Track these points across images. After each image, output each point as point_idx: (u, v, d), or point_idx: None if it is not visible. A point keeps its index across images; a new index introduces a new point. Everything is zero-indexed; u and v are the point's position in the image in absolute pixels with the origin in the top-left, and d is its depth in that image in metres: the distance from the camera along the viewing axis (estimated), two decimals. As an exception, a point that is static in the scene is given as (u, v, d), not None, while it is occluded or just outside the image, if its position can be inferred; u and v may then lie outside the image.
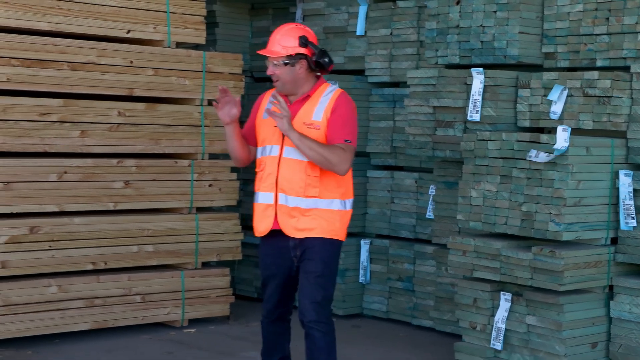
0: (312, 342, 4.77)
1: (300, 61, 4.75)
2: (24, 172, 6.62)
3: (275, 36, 4.82)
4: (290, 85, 4.79)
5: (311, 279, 4.75)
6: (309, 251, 4.76)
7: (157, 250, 7.25)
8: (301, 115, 4.77)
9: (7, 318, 6.51)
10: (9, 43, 6.48)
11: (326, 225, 4.76)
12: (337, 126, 4.73)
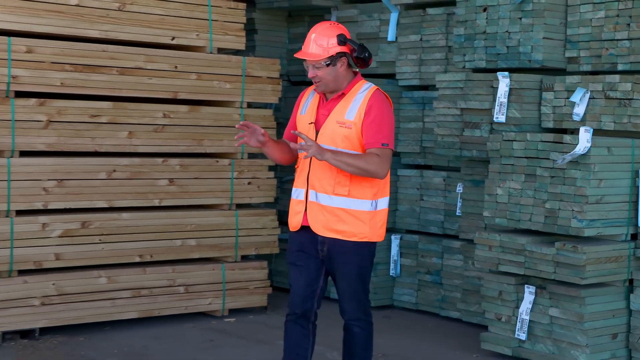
0: (351, 336, 4.71)
1: (340, 59, 4.54)
2: (76, 170, 6.67)
3: (312, 37, 4.60)
4: (332, 85, 4.59)
5: (350, 283, 4.64)
6: (342, 255, 4.61)
7: (200, 244, 7.27)
8: (335, 113, 4.59)
9: (61, 307, 6.58)
10: (63, 50, 6.55)
11: (358, 229, 4.57)
12: (373, 130, 4.52)
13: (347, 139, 4.51)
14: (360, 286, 4.67)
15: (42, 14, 6.47)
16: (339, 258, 4.59)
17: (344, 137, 4.51)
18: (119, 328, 6.86)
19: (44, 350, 6.28)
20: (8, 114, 6.36)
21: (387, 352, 6.44)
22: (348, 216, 4.54)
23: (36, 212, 6.58)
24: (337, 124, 4.54)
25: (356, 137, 4.53)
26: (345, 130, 4.52)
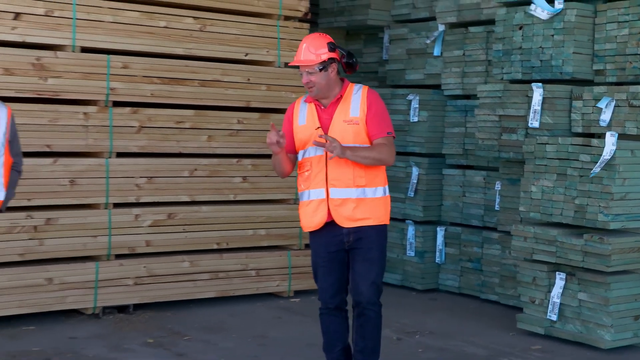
0: (366, 320, 4.57)
1: (331, 65, 4.44)
2: (163, 169, 6.78)
3: (303, 46, 4.48)
4: (324, 90, 4.46)
5: (370, 266, 4.52)
6: (364, 240, 4.51)
7: (268, 234, 7.33)
8: (339, 114, 4.48)
9: (151, 286, 6.72)
10: (153, 65, 6.68)
11: (377, 214, 4.51)
12: (377, 122, 4.47)
13: (356, 133, 4.45)
14: (379, 271, 4.56)
15: (136, 35, 6.59)
16: (362, 244, 4.50)
17: (353, 132, 4.44)
18: (199, 305, 6.94)
19: (137, 323, 6.39)
20: (107, 120, 6.46)
21: (433, 330, 6.44)
22: (367, 204, 4.47)
23: (130, 205, 6.68)
24: (345, 123, 4.46)
25: (363, 130, 4.46)
26: (353, 127, 4.45)
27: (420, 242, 7.89)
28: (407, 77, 8.34)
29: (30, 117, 6.18)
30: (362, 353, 4.59)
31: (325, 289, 4.64)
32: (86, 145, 6.44)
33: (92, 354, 5.58)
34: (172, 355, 5.64)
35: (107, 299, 6.55)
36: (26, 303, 6.20)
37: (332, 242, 4.54)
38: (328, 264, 4.59)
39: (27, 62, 6.15)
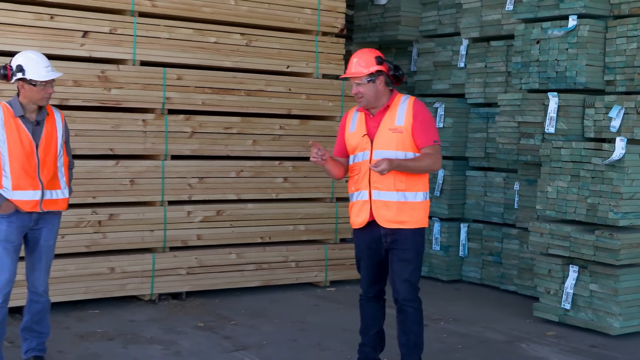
0: (405, 316, 4.52)
1: (379, 77, 4.40)
2: (213, 170, 6.81)
3: (354, 60, 4.45)
4: (372, 100, 4.42)
5: (405, 265, 4.46)
6: (402, 241, 4.44)
7: (307, 229, 7.34)
8: (385, 122, 4.42)
9: (202, 276, 6.77)
10: (204, 77, 6.72)
11: (415, 217, 4.43)
12: (423, 131, 4.39)
13: (400, 141, 4.38)
14: (414, 269, 4.49)
15: (189, 49, 6.64)
16: (400, 245, 4.45)
17: (397, 140, 4.38)
18: (244, 293, 6.98)
19: (189, 308, 6.46)
20: (162, 127, 6.52)
21: (457, 317, 6.46)
22: (407, 208, 4.41)
23: (183, 203, 6.73)
24: (390, 131, 4.39)
25: (407, 138, 4.39)
26: (397, 135, 4.39)
27: (445, 237, 7.90)
28: (433, 87, 8.36)
29: (95, 123, 6.27)
30: (405, 346, 4.56)
31: (364, 279, 4.66)
32: (144, 148, 6.49)
33: (149, 336, 5.65)
34: (219, 337, 5.67)
35: (162, 286, 6.61)
36: (91, 289, 6.29)
37: (372, 240, 4.52)
38: (367, 259, 4.59)
39: (93, 75, 6.22)
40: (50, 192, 4.46)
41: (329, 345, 5.52)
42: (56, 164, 4.51)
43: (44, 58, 4.46)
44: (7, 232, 4.37)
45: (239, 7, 6.88)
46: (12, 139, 4.32)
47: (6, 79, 4.36)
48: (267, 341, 5.64)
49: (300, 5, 7.21)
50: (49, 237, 4.55)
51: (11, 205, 4.33)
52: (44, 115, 4.46)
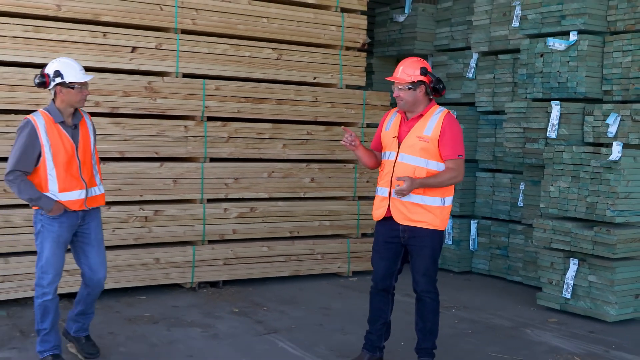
0: (423, 306, 4.49)
1: (420, 86, 4.32)
2: (247, 171, 6.83)
3: (401, 67, 4.39)
4: (410, 105, 4.35)
5: (424, 260, 4.41)
6: (420, 239, 4.37)
7: (332, 224, 7.33)
8: (415, 129, 4.35)
9: (237, 266, 6.80)
10: (239, 87, 6.74)
11: (431, 219, 4.34)
12: (450, 145, 4.31)
13: (424, 149, 4.31)
14: (431, 264, 4.43)
15: (225, 63, 6.66)
16: (416, 242, 4.38)
17: (421, 148, 4.31)
18: (275, 282, 7.02)
19: (226, 295, 6.49)
20: (202, 132, 6.54)
21: (467, 305, 6.47)
22: (422, 209, 4.33)
23: (220, 200, 6.73)
24: (417, 138, 4.32)
25: (432, 148, 4.31)
26: (423, 143, 4.31)
27: (457, 232, 7.91)
28: (446, 96, 8.33)
29: (142, 129, 6.30)
30: (422, 332, 4.53)
31: (377, 272, 4.57)
32: (186, 152, 6.53)
33: (190, 319, 5.70)
34: (252, 322, 5.71)
35: (201, 275, 6.64)
36: (139, 278, 6.34)
37: (390, 234, 4.45)
38: (383, 251, 4.52)
39: (140, 86, 6.26)
40: (93, 189, 4.42)
41: (351, 330, 5.54)
42: (92, 163, 4.45)
43: (77, 62, 4.36)
44: (59, 232, 4.31)
45: (270, 25, 6.92)
46: (56, 145, 4.23)
47: (44, 86, 4.25)
48: (295, 325, 5.67)
49: (325, 23, 7.23)
50: (98, 229, 4.50)
51: (61, 206, 4.26)
52: (79, 119, 4.38)
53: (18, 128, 4.24)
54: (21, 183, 4.16)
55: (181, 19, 6.46)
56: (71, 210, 4.32)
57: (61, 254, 4.36)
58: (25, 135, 4.17)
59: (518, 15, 7.32)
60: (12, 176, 4.16)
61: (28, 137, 4.17)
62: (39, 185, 4.23)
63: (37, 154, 4.19)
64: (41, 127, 4.19)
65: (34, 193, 4.18)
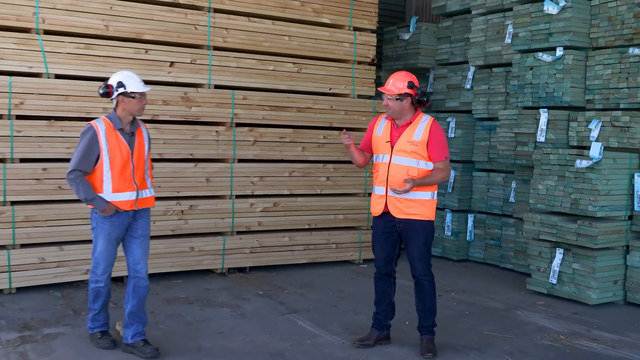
0: (422, 288, 4.50)
1: (406, 98, 4.33)
2: (271, 171, 6.85)
3: (391, 80, 4.39)
4: (397, 113, 4.37)
5: (418, 249, 4.42)
6: (413, 229, 4.39)
7: (345, 218, 7.33)
8: (405, 135, 4.37)
9: (262, 254, 6.82)
10: (264, 97, 6.75)
11: (424, 211, 4.37)
12: (438, 149, 4.35)
13: (415, 152, 4.34)
14: (425, 251, 4.44)
15: (252, 76, 6.69)
16: (411, 232, 4.40)
17: (412, 151, 4.34)
18: (295, 268, 6.99)
19: (252, 280, 6.50)
20: (231, 136, 6.56)
21: (464, 289, 6.46)
22: (416, 203, 4.36)
23: (247, 196, 6.76)
24: (408, 142, 4.35)
25: (422, 150, 4.34)
26: (413, 147, 4.34)
27: (455, 225, 7.89)
28: (446, 104, 8.34)
29: (179, 134, 6.34)
30: (422, 311, 4.54)
31: (378, 259, 4.57)
32: (217, 153, 6.54)
33: (220, 301, 5.72)
34: (275, 303, 5.71)
35: (230, 262, 6.65)
36: (176, 264, 6.38)
37: (387, 226, 4.46)
38: (382, 241, 4.52)
39: (177, 96, 6.30)
40: (143, 192, 4.34)
41: (362, 311, 5.55)
42: (144, 168, 4.37)
43: (137, 75, 4.34)
44: (110, 230, 4.24)
45: (291, 42, 6.94)
46: (113, 149, 4.17)
47: (107, 96, 4.20)
48: (313, 306, 5.68)
49: (340, 40, 7.24)
50: (146, 228, 4.41)
51: (112, 207, 4.19)
52: (136, 128, 4.32)
53: (81, 132, 4.20)
54: (80, 182, 4.12)
55: (213, 37, 6.48)
56: (122, 210, 4.26)
57: (112, 249, 4.31)
58: (87, 138, 4.14)
59: (510, 33, 7.31)
60: (73, 175, 4.13)
61: (89, 141, 4.14)
62: (95, 185, 4.19)
63: (96, 157, 4.15)
64: (102, 132, 4.16)
65: (89, 194, 4.14)
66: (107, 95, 4.19)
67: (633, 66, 6.11)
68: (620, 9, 6.23)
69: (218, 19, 6.50)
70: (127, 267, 4.43)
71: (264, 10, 6.75)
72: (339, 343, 4.77)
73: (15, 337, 4.65)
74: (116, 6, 6.03)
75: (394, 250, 4.55)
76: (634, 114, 6.06)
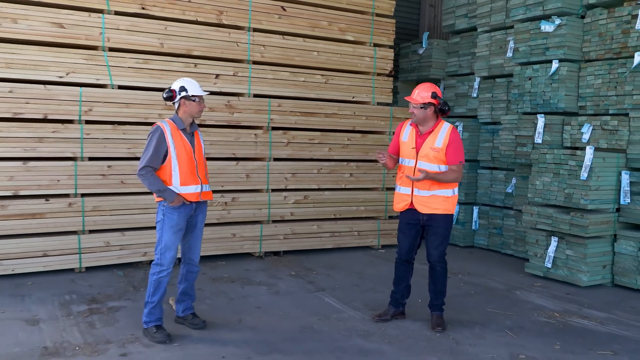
0: (435, 273, 4.48)
1: (430, 107, 4.28)
2: (301, 169, 6.84)
3: (417, 90, 4.35)
4: (420, 120, 4.32)
5: (438, 239, 4.39)
6: (435, 222, 4.36)
7: (366, 209, 7.29)
8: (428, 142, 4.32)
9: (294, 240, 6.81)
10: (296, 105, 6.73)
11: (445, 207, 4.34)
12: (454, 153, 4.30)
13: (436, 157, 4.30)
14: (443, 241, 4.42)
15: (286, 86, 6.68)
16: (433, 223, 4.37)
17: (434, 155, 4.30)
18: (322, 253, 7.01)
19: (285, 262, 6.49)
20: (267, 138, 6.56)
21: (470, 272, 6.43)
22: (440, 199, 4.33)
23: (281, 190, 6.74)
24: (431, 149, 4.30)
25: (442, 155, 4.30)
26: (435, 153, 4.30)
27: (462, 215, 7.85)
28: (455, 110, 8.29)
29: (223, 136, 6.35)
30: (434, 292, 4.53)
31: (402, 247, 4.56)
32: (255, 153, 6.54)
33: (258, 280, 5.73)
34: (305, 282, 5.70)
35: (267, 247, 6.65)
36: (220, 248, 6.38)
37: (412, 219, 4.43)
38: (406, 232, 4.49)
39: (222, 104, 6.31)
40: (205, 186, 4.23)
41: (380, 289, 5.55)
42: (204, 165, 4.26)
43: (196, 81, 4.25)
44: (178, 220, 4.10)
45: (320, 57, 6.93)
46: (179, 146, 4.07)
47: (171, 100, 4.11)
48: (337, 285, 5.68)
49: (361, 55, 7.21)
50: (203, 220, 4.31)
51: (181, 199, 4.07)
52: (195, 129, 4.23)
53: (149, 132, 4.09)
54: (151, 177, 4.01)
55: (252, 52, 6.50)
56: (188, 202, 4.14)
57: (177, 240, 4.16)
58: (155, 137, 4.03)
59: (511, 47, 7.24)
60: (144, 171, 4.01)
61: (158, 139, 4.02)
62: (165, 179, 4.08)
63: (164, 153, 4.04)
64: (168, 132, 4.06)
65: (161, 185, 4.02)
66: (170, 99, 4.12)
67: (621, 77, 6.01)
68: (610, 26, 6.14)
69: (257, 37, 6.52)
70: (182, 254, 4.35)
71: (296, 29, 6.75)
72: (360, 317, 4.77)
73: (85, 309, 4.73)
74: (170, 27, 6.07)
75: (416, 239, 4.51)
76: (622, 119, 5.98)
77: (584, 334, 4.59)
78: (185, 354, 3.91)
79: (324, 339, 4.24)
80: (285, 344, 4.14)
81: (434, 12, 10.15)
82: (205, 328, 4.38)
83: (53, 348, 3.93)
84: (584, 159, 5.79)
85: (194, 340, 4.15)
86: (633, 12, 5.93)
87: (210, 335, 4.24)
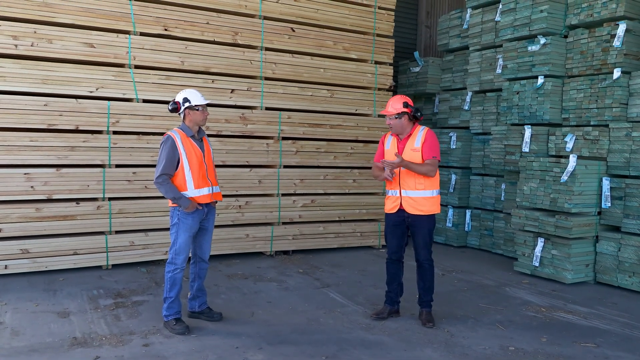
0: (423, 270, 4.40)
1: (404, 115, 4.25)
2: (309, 175, 6.82)
3: (390, 102, 4.31)
4: (398, 129, 4.29)
5: (423, 237, 4.32)
6: (419, 221, 4.29)
7: (368, 212, 7.27)
8: (409, 144, 4.28)
9: (301, 240, 6.80)
10: (304, 117, 6.73)
11: (430, 207, 4.29)
12: (428, 149, 4.23)
13: (417, 157, 4.23)
14: (429, 240, 4.35)
15: (295, 100, 6.66)
16: (419, 224, 4.31)
17: (415, 156, 4.24)
18: (328, 252, 6.99)
19: (294, 260, 6.48)
20: (278, 147, 6.55)
21: (463, 270, 6.39)
22: (425, 201, 4.28)
23: (290, 195, 6.73)
24: (411, 150, 4.26)
25: (421, 154, 4.24)
26: (416, 153, 4.24)
27: (456, 218, 7.83)
28: (449, 122, 8.27)
29: (238, 145, 6.34)
30: (422, 289, 4.47)
31: (390, 247, 4.48)
32: (267, 161, 6.53)
33: (269, 277, 5.72)
34: (312, 279, 5.69)
35: (277, 246, 6.64)
36: (234, 247, 6.38)
37: (398, 220, 4.37)
38: (393, 232, 4.42)
39: (237, 116, 6.30)
40: (215, 187, 4.19)
41: (381, 286, 5.51)
42: (213, 168, 4.23)
43: (198, 91, 4.19)
44: (192, 224, 4.05)
45: (326, 73, 6.92)
46: (190, 152, 4.02)
47: (176, 111, 4.07)
48: (341, 282, 5.66)
49: (364, 72, 7.20)
50: (213, 221, 4.26)
51: (195, 204, 4.01)
52: (202, 135, 4.18)
53: (161, 142, 4.04)
54: (167, 185, 3.96)
55: (264, 69, 6.51)
56: (203, 203, 4.09)
57: (190, 241, 4.12)
58: (168, 146, 3.99)
59: (500, 64, 7.23)
60: (161, 179, 3.97)
61: (170, 148, 3.99)
62: (180, 184, 4.02)
63: (177, 160, 3.99)
64: (178, 140, 4.02)
65: (176, 193, 3.97)
66: (175, 110, 4.07)
67: (601, 91, 5.97)
68: (591, 44, 6.11)
69: (268, 56, 6.53)
70: (192, 253, 4.30)
71: (304, 48, 6.75)
72: (362, 311, 4.75)
73: (111, 303, 4.72)
74: (190, 46, 6.09)
75: (402, 238, 4.44)
76: (602, 130, 5.94)
77: (569, 327, 4.54)
78: (202, 344, 3.90)
79: (329, 331, 4.23)
80: (293, 335, 4.13)
81: (430, 33, 10.16)
82: (221, 321, 4.37)
83: (82, 338, 3.93)
84: (567, 167, 5.75)
85: (210, 332, 4.14)
86: (612, 32, 5.91)
87: (225, 327, 4.23)
